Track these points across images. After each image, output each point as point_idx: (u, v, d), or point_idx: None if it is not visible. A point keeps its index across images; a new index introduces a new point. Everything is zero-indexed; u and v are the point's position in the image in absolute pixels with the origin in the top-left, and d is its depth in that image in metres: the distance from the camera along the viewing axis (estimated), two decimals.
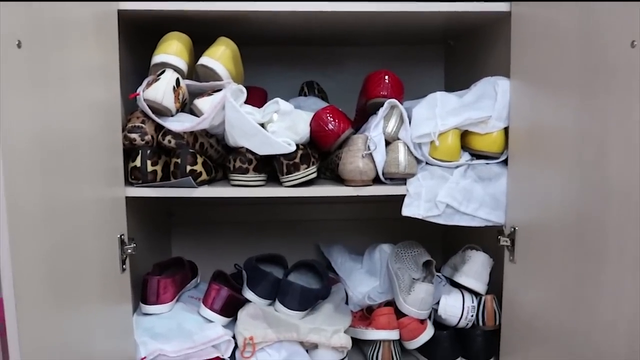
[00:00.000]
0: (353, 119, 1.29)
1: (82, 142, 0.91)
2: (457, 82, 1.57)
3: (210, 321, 1.21)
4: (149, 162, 1.13)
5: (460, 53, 1.55)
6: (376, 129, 1.15)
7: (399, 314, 1.25)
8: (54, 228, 0.81)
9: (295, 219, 1.66)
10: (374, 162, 1.15)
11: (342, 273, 1.44)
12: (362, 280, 1.39)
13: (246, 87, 1.24)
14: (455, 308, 1.23)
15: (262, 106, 1.32)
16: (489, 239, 1.22)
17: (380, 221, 1.59)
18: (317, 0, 1.13)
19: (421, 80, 1.54)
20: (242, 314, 1.22)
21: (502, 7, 1.16)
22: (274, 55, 1.61)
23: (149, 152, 1.13)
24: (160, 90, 1.11)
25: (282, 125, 1.12)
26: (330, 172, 1.26)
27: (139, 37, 1.27)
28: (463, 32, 1.44)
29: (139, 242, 1.19)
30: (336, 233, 1.63)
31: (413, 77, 1.28)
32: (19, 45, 0.73)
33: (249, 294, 1.25)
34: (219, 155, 1.24)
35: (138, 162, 1.12)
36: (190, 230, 1.65)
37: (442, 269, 1.39)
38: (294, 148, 1.11)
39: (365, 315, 1.30)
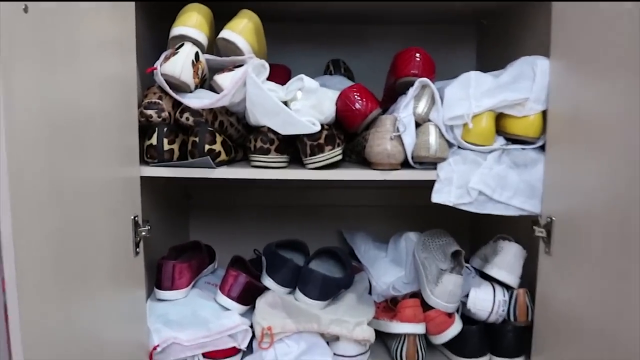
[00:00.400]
0: (381, 100, 1.22)
1: (93, 118, 0.85)
2: (490, 63, 1.49)
3: (227, 309, 1.16)
4: (165, 140, 1.07)
5: (493, 32, 1.47)
6: (406, 110, 1.08)
7: (425, 307, 1.19)
8: (61, 208, 0.75)
9: (318, 204, 1.60)
10: (402, 144, 1.08)
11: (366, 261, 1.38)
12: (386, 270, 1.33)
13: (269, 65, 1.19)
14: (485, 302, 1.17)
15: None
16: (522, 228, 1.15)
17: (406, 208, 1.53)
18: None
19: (452, 61, 1.46)
20: (260, 303, 1.16)
21: None
22: (298, 32, 1.54)
23: (165, 129, 1.07)
24: (179, 65, 1.05)
25: (307, 104, 1.06)
26: (356, 155, 1.20)
27: (157, 8, 1.21)
28: (497, 10, 1.37)
29: (155, 225, 1.14)
30: (360, 219, 1.57)
31: (443, 57, 1.21)
32: (25, 10, 0.66)
33: (268, 281, 1.19)
34: (239, 134, 1.18)
35: (154, 140, 1.07)
36: (208, 213, 1.60)
37: (471, 259, 1.32)
38: (318, 128, 1.05)
39: (390, 306, 1.24)
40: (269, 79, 1.11)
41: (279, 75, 1.28)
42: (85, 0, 0.82)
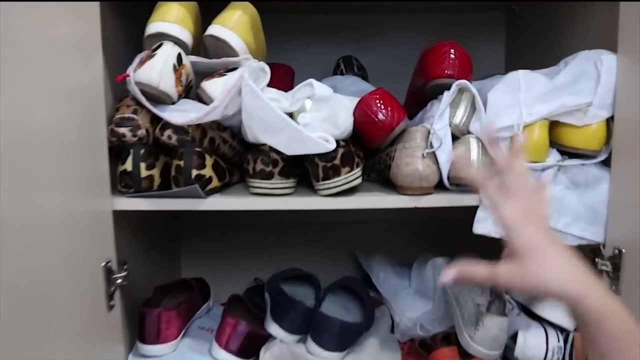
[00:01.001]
0: (403, 104, 1.01)
1: (48, 139, 0.67)
2: (522, 56, 1.30)
3: None
4: (142, 165, 0.87)
5: (528, 20, 1.26)
6: (441, 120, 0.88)
7: (462, 352, 0.98)
8: (8, 256, 0.57)
9: (327, 221, 1.38)
10: (437, 162, 0.88)
11: (386, 292, 1.19)
12: (411, 303, 1.14)
13: (268, 65, 0.98)
14: (537, 349, 0.97)
15: (288, 89, 1.06)
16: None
17: (429, 222, 1.31)
18: None
19: (477, 52, 1.23)
20: (265, 356, 0.96)
21: None
22: (301, 24, 1.33)
23: (142, 151, 0.87)
24: (156, 70, 0.84)
25: (318, 116, 0.85)
26: (377, 174, 1.00)
27: (133, 2, 1.00)
28: None
29: (138, 260, 0.98)
30: (376, 238, 1.36)
31: (467, 48, 1.01)
32: None
33: (273, 327, 0.99)
34: (234, 152, 0.97)
35: (129, 165, 0.86)
36: (201, 235, 1.39)
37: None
38: (333, 146, 0.84)
39: (419, 350, 1.04)
40: (270, 82, 0.90)
41: (281, 77, 1.07)
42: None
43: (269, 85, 0.90)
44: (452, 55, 0.90)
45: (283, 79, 1.08)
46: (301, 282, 1.14)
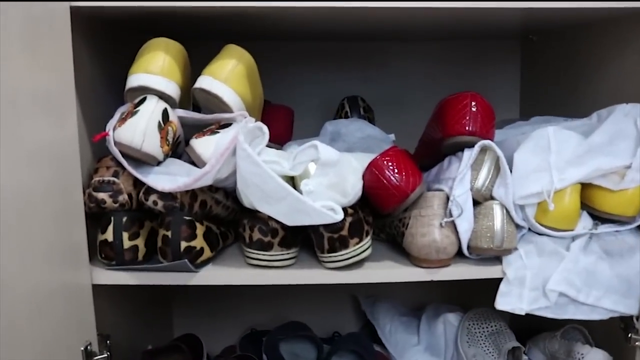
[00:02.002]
0: (415, 153, 0.92)
1: (11, 208, 0.58)
2: (539, 88, 1.21)
3: None
4: (125, 235, 0.77)
5: (547, 53, 1.16)
6: (461, 184, 0.78)
7: None
8: None
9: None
10: (456, 231, 0.79)
11: (393, 349, 1.10)
12: None
13: (267, 103, 0.92)
14: None
15: (288, 132, 0.96)
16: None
17: None
18: None
19: (489, 86, 1.16)
20: None
21: None
22: (297, 53, 1.23)
23: (125, 219, 0.77)
24: (139, 130, 0.74)
25: (323, 182, 0.75)
26: (387, 235, 0.90)
27: (115, 41, 0.90)
28: (556, 26, 1.06)
29: (122, 329, 0.91)
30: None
31: (479, 81, 0.91)
32: None
33: None
34: (228, 212, 0.87)
35: (109, 235, 0.77)
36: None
37: (528, 349, 1.03)
38: (341, 217, 0.74)
39: None
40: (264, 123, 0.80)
41: (279, 119, 0.98)
42: None
43: (268, 127, 0.80)
44: (473, 109, 0.80)
45: (282, 122, 0.98)
46: (301, 339, 1.05)
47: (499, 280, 0.81)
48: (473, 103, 0.80)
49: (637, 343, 0.82)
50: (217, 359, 1.14)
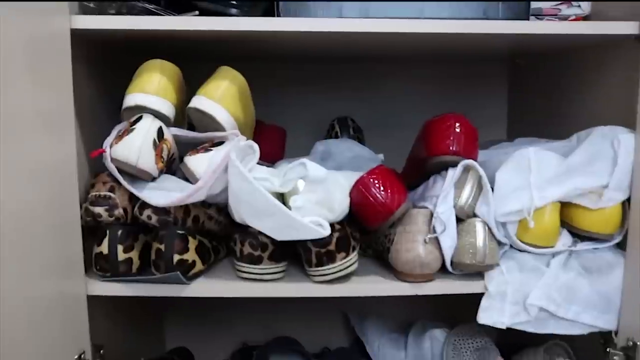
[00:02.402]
0: (402, 171, 0.95)
1: (11, 221, 0.61)
2: (526, 112, 1.24)
3: None
4: (120, 248, 0.80)
5: (534, 77, 1.20)
6: (445, 202, 0.81)
7: None
8: None
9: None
10: (439, 247, 0.81)
11: None
12: None
13: (257, 123, 0.92)
14: None
15: (280, 151, 0.99)
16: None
17: None
18: None
19: (477, 108, 1.19)
20: None
21: (627, 28, 0.81)
22: (289, 74, 1.26)
23: (120, 232, 0.80)
24: (135, 147, 0.77)
25: (311, 198, 0.78)
26: (374, 251, 0.93)
27: (112, 62, 0.93)
28: (542, 51, 1.09)
29: (115, 339, 0.92)
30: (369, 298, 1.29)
31: (466, 102, 0.94)
32: None
33: None
34: (220, 227, 0.90)
35: (105, 248, 0.79)
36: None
37: None
38: (328, 232, 0.77)
39: None
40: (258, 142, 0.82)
41: (271, 139, 1.01)
42: None
43: (260, 147, 0.83)
44: (457, 130, 0.83)
45: (274, 141, 1.01)
46: (292, 352, 1.07)
47: (483, 295, 0.83)
48: (457, 124, 0.83)
49: (615, 358, 0.83)
50: None
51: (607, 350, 0.84)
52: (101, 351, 0.83)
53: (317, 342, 1.22)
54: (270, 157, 0.95)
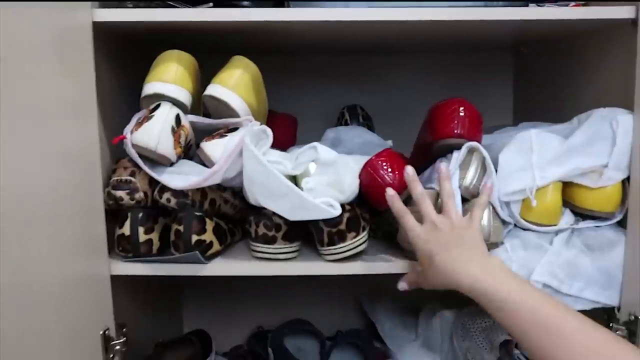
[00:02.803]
0: (410, 157, 0.98)
1: (39, 204, 0.64)
2: (531, 99, 1.27)
3: None
4: (141, 230, 0.84)
5: (538, 64, 1.23)
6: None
7: None
8: None
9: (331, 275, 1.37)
10: None
11: (392, 345, 1.15)
12: (417, 357, 1.11)
13: (271, 113, 0.96)
14: None
15: (292, 139, 1.03)
16: (584, 312, 0.89)
17: None
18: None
19: (483, 96, 1.22)
20: None
21: (624, 12, 0.83)
22: (300, 67, 1.30)
23: (141, 215, 0.84)
24: (154, 133, 0.81)
25: (322, 180, 0.82)
26: (384, 233, 0.96)
27: (131, 54, 0.97)
28: (545, 38, 1.12)
29: (136, 319, 0.96)
30: (381, 284, 1.32)
31: (474, 91, 0.98)
32: None
33: None
34: (236, 210, 0.94)
35: (127, 229, 0.83)
36: (204, 281, 1.35)
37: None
38: (338, 212, 0.81)
39: None
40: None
41: (284, 127, 1.04)
42: None
43: (273, 135, 0.86)
44: (461, 114, 0.86)
45: (286, 129, 1.05)
46: (306, 334, 1.11)
47: None
48: (461, 108, 0.86)
49: (617, 332, 0.86)
50: (225, 355, 1.19)
51: (610, 325, 0.86)
52: (124, 329, 0.87)
53: (330, 326, 1.25)
54: (282, 145, 0.98)
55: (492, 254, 0.82)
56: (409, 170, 0.82)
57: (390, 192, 0.81)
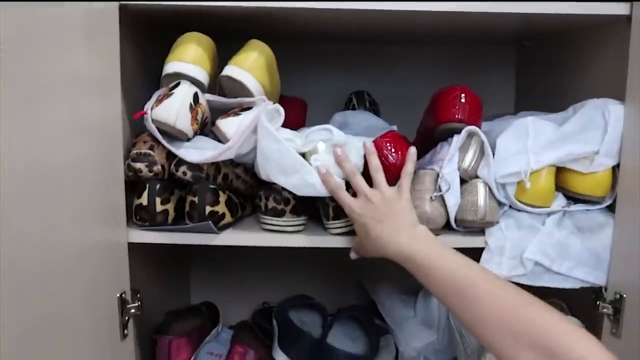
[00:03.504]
0: (413, 142, 1.03)
1: (66, 173, 0.69)
2: (532, 91, 1.32)
3: None
4: (158, 200, 0.89)
5: (539, 57, 1.28)
6: (450, 164, 0.90)
7: None
8: (22, 290, 0.59)
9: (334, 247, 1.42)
10: (444, 205, 0.90)
11: (391, 321, 1.20)
12: (415, 333, 1.15)
13: (282, 97, 1.02)
14: None
15: (301, 123, 1.08)
16: (574, 292, 0.95)
17: None
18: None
19: (487, 85, 1.26)
20: None
21: (619, 9, 0.88)
22: (311, 54, 1.35)
23: (158, 186, 0.89)
24: (173, 110, 0.86)
25: (330, 158, 0.87)
26: None
27: (153, 37, 1.02)
28: (546, 33, 1.17)
29: (149, 287, 1.00)
30: (383, 265, 1.36)
31: (477, 82, 1.02)
32: None
33: (280, 357, 1.02)
34: (247, 186, 0.99)
35: (144, 200, 0.89)
36: (211, 258, 1.41)
37: None
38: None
39: None
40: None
41: (294, 110, 1.09)
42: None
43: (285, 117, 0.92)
44: (462, 100, 0.91)
45: (297, 112, 1.10)
46: (309, 308, 1.16)
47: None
48: (462, 95, 0.92)
49: (604, 310, 0.91)
50: (232, 328, 1.24)
51: (597, 303, 0.91)
52: (138, 295, 0.92)
53: (332, 306, 1.30)
54: (292, 127, 1.03)
55: (417, 226, 0.84)
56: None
57: (322, 170, 0.85)
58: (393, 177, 0.89)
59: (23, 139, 0.59)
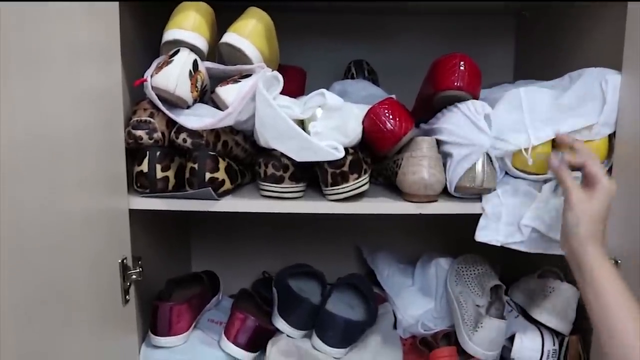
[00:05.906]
0: (411, 110, 1.03)
1: (68, 141, 0.69)
2: (531, 60, 1.32)
3: (234, 358, 0.99)
4: (158, 167, 0.90)
5: (538, 27, 1.28)
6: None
7: (461, 351, 1.02)
8: (26, 254, 0.60)
9: (334, 217, 1.42)
10: (442, 172, 0.91)
11: (390, 289, 1.22)
12: (413, 301, 1.17)
13: (281, 66, 1.01)
14: (533, 351, 1.00)
15: (301, 91, 1.09)
16: None
17: (434, 220, 1.34)
18: None
19: (487, 56, 1.26)
20: (272, 350, 0.99)
21: None
22: (312, 24, 1.35)
23: (158, 153, 0.90)
24: (173, 77, 0.87)
25: (328, 125, 0.88)
26: (384, 178, 1.02)
27: (152, 4, 1.02)
28: (544, 3, 1.17)
29: (150, 255, 1.01)
30: (381, 234, 1.38)
31: (476, 52, 1.02)
32: None
33: (280, 323, 1.03)
34: (246, 154, 1.00)
35: (145, 167, 0.89)
36: (211, 228, 1.43)
37: (510, 291, 1.14)
38: (342, 154, 0.87)
39: (419, 347, 1.08)
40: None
41: (293, 79, 1.09)
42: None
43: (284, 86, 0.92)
44: (461, 68, 0.91)
45: (295, 81, 1.10)
46: (308, 277, 1.17)
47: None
48: (462, 62, 0.92)
49: None
50: (232, 297, 1.25)
51: None
52: (139, 261, 0.93)
53: (331, 275, 1.31)
54: (291, 95, 1.04)
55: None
56: (554, 161, 0.85)
57: (555, 163, 0.84)
58: (391, 146, 0.90)
59: (25, 108, 0.59)
